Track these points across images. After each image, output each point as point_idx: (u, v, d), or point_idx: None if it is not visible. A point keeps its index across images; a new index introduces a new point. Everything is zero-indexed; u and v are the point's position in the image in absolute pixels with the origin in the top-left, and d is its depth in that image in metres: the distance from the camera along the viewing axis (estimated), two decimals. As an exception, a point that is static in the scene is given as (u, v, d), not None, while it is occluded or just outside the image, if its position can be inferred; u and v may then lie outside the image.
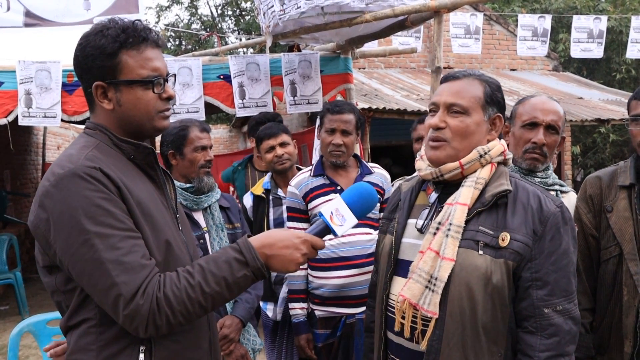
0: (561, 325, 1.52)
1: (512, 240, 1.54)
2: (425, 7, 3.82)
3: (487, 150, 1.64)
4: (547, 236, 1.55)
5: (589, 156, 11.49)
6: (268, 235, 1.48)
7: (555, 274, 1.54)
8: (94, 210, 1.33)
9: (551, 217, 1.56)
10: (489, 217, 1.58)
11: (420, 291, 1.56)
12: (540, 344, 1.51)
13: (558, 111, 2.11)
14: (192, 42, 17.09)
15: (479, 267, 1.53)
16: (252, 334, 2.64)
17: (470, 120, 1.64)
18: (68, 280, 1.40)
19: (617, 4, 12.88)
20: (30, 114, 4.45)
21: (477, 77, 1.69)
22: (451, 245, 1.55)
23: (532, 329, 1.53)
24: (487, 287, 1.52)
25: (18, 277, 6.63)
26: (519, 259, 1.53)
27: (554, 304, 1.53)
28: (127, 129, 1.50)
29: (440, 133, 1.65)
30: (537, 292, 1.53)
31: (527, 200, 1.59)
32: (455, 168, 1.63)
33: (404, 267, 1.67)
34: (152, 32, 1.50)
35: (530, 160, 2.09)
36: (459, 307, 1.53)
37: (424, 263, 1.57)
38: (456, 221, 1.56)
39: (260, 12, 4.29)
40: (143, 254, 1.37)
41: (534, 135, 2.07)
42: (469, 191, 1.59)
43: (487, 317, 1.53)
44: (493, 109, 1.68)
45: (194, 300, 1.36)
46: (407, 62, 10.51)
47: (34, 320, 3.02)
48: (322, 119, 2.82)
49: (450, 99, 1.65)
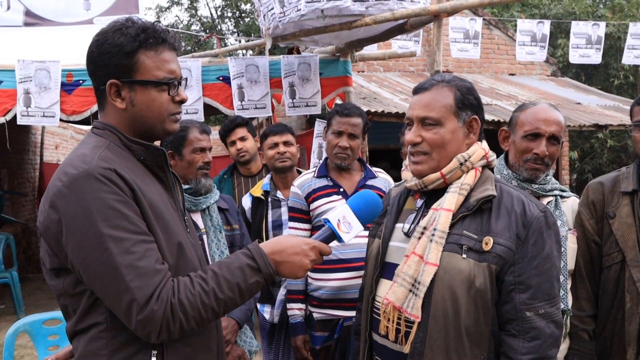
0: (543, 328, 1.54)
1: (496, 244, 1.56)
2: (425, 11, 3.83)
3: (467, 157, 1.65)
4: (530, 240, 1.57)
5: (587, 161, 11.51)
6: (278, 241, 1.49)
7: (538, 277, 1.55)
8: (109, 212, 1.31)
9: (534, 221, 1.58)
10: (473, 222, 1.60)
11: (404, 295, 1.59)
12: (522, 346, 1.53)
13: (560, 121, 2.10)
14: (191, 43, 17.09)
15: (462, 271, 1.55)
16: (248, 335, 2.63)
17: (444, 130, 1.65)
18: (77, 283, 1.38)
19: (616, 10, 12.93)
20: (29, 113, 4.45)
21: (447, 84, 1.68)
22: (435, 251, 1.57)
23: (514, 332, 1.55)
24: (470, 291, 1.54)
25: (14, 276, 6.61)
26: (502, 263, 1.55)
27: (536, 308, 1.54)
28: (138, 130, 1.49)
29: (418, 147, 1.68)
30: (519, 295, 1.55)
31: (511, 205, 1.61)
32: (437, 179, 1.66)
33: (391, 269, 1.69)
34: (171, 35, 1.50)
35: (532, 170, 2.09)
36: (443, 310, 1.55)
37: (408, 267, 1.60)
38: (440, 226, 1.58)
39: (260, 14, 4.29)
40: (157, 259, 1.35)
41: (536, 147, 2.06)
42: (453, 197, 1.62)
43: (470, 320, 1.55)
44: (467, 113, 1.68)
45: (208, 306, 1.36)
46: (406, 65, 10.53)
47: (29, 320, 3.02)
48: (330, 120, 2.82)
49: (422, 113, 1.67)
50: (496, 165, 2.22)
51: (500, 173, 2.18)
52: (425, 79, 1.76)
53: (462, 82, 1.70)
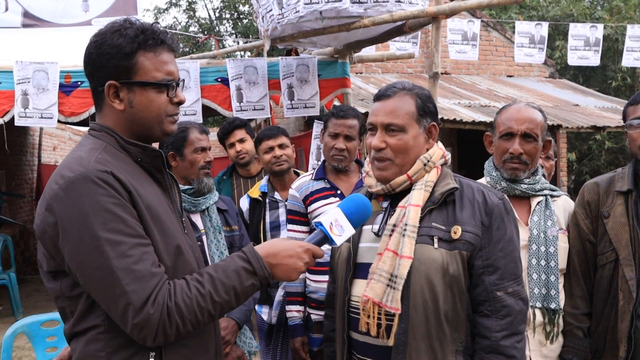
0: (513, 306, 1.65)
1: (464, 232, 1.66)
2: (423, 12, 3.83)
3: (429, 158, 1.76)
4: (494, 226, 1.68)
5: (585, 163, 11.53)
6: (272, 244, 1.50)
7: (504, 259, 1.67)
8: (106, 215, 1.31)
9: (495, 208, 1.70)
10: (440, 214, 1.70)
11: (382, 290, 1.64)
12: (495, 325, 1.63)
13: (534, 118, 2.12)
14: (189, 44, 17.09)
15: (436, 260, 1.64)
16: (248, 336, 2.64)
17: (407, 136, 1.74)
18: (74, 286, 1.38)
19: (613, 12, 12.96)
20: (26, 114, 4.44)
21: (408, 91, 1.77)
22: (408, 244, 1.64)
23: (487, 312, 1.65)
24: (446, 278, 1.64)
25: (12, 278, 6.60)
26: (472, 249, 1.66)
27: (505, 287, 1.66)
28: (136, 131, 1.49)
29: (382, 153, 1.75)
30: (489, 277, 1.66)
31: (473, 196, 1.72)
32: (404, 181, 1.75)
33: (364, 269, 1.74)
34: (169, 36, 1.50)
35: (510, 170, 2.14)
36: (422, 299, 1.63)
37: (384, 263, 1.66)
38: (411, 221, 1.66)
39: (258, 15, 4.29)
40: (153, 262, 1.35)
41: (510, 146, 2.12)
42: (419, 193, 1.71)
43: (448, 306, 1.64)
44: (427, 120, 1.78)
45: (204, 309, 1.36)
46: (405, 67, 10.54)
47: (28, 322, 3.01)
48: (327, 123, 2.83)
49: (386, 120, 1.74)
50: (485, 168, 2.27)
51: (490, 175, 2.22)
52: (385, 86, 1.83)
53: (421, 90, 1.80)
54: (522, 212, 2.14)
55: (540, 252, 2.08)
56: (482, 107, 8.68)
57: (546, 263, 2.07)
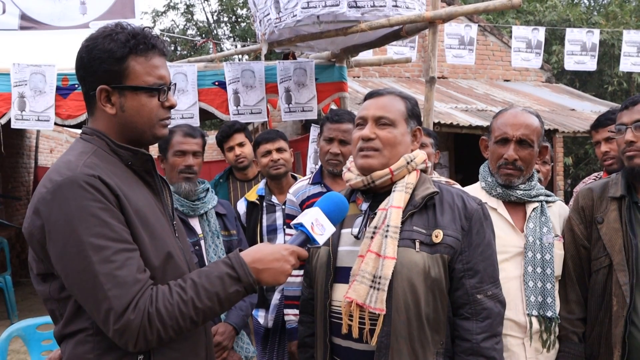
0: (492, 308, 1.69)
1: (445, 236, 1.69)
2: (420, 17, 3.85)
3: (412, 158, 1.79)
4: (474, 230, 1.72)
5: (581, 167, 11.56)
6: (258, 249, 1.49)
7: (483, 262, 1.71)
8: (91, 220, 1.31)
9: (475, 213, 1.74)
10: (421, 218, 1.72)
11: (365, 291, 1.65)
12: (476, 327, 1.67)
13: (530, 124, 2.11)
14: (187, 48, 17.09)
15: (417, 264, 1.66)
16: (245, 341, 2.63)
17: (397, 131, 1.79)
18: (63, 289, 1.38)
19: (609, 17, 13.03)
20: (23, 116, 4.43)
21: (398, 95, 1.85)
22: (391, 245, 1.65)
23: (467, 315, 1.68)
24: (427, 281, 1.66)
25: (8, 280, 6.58)
26: (453, 252, 1.69)
27: (484, 290, 1.69)
28: (127, 135, 1.49)
29: (371, 143, 1.78)
30: (469, 280, 1.69)
31: (453, 201, 1.75)
32: (386, 174, 1.76)
33: (344, 273, 1.74)
34: (160, 40, 1.51)
35: (505, 175, 2.13)
36: (404, 302, 1.64)
37: (366, 265, 1.66)
38: (393, 222, 1.68)
39: (256, 19, 4.30)
40: (138, 267, 1.35)
41: (505, 151, 2.11)
42: (400, 195, 1.73)
43: (429, 309, 1.66)
44: (414, 122, 1.84)
45: (186, 315, 1.35)
46: (402, 71, 10.56)
47: (23, 325, 3.00)
48: (322, 127, 2.83)
49: (378, 113, 1.79)
50: (480, 173, 2.26)
51: (485, 180, 2.21)
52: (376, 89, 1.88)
53: (410, 96, 1.87)
54: (518, 219, 2.13)
55: (536, 259, 2.07)
56: (479, 111, 8.71)
57: (542, 270, 2.06)
